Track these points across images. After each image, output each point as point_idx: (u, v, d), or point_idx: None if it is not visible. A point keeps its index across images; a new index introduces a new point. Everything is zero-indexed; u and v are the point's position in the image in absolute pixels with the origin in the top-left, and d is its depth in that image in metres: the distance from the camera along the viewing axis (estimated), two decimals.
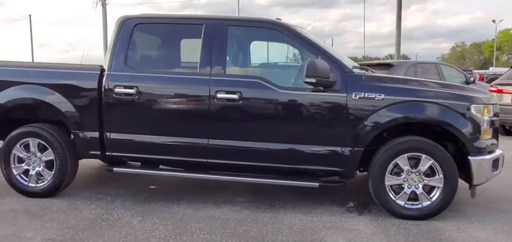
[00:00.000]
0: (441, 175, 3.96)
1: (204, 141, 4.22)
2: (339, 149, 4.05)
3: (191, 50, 4.50)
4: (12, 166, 4.58)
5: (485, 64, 61.55)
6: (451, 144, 4.10)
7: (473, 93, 4.14)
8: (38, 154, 4.53)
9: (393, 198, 4.05)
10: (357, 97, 3.99)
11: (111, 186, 5.00)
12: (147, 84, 4.29)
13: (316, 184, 4.15)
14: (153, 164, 4.51)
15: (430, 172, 4.00)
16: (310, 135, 4.11)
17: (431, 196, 4.01)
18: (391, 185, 4.06)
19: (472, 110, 3.96)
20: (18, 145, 4.53)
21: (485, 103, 4.05)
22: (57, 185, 4.54)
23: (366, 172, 4.24)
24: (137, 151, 4.40)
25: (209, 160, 4.28)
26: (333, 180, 4.21)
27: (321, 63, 3.91)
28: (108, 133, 4.38)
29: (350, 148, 4.03)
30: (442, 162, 3.94)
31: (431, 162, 3.96)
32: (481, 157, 3.97)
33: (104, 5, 28.08)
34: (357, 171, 4.23)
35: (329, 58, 4.08)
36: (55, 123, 4.56)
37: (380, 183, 4.04)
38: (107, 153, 4.45)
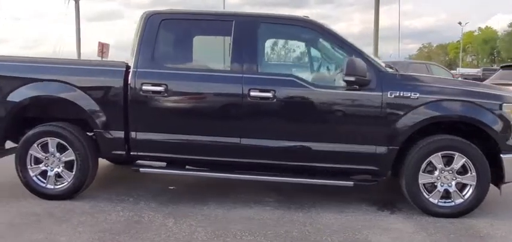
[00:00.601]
0: (474, 173, 4.01)
1: (236, 140, 4.13)
2: (374, 148, 4.05)
3: (219, 47, 4.40)
4: (29, 167, 4.35)
5: (450, 65, 63.56)
6: (478, 142, 4.14)
7: (503, 93, 4.22)
8: (57, 154, 4.32)
9: (426, 196, 4.08)
10: (393, 96, 3.99)
11: (127, 187, 4.82)
12: (177, 81, 4.17)
13: (351, 183, 4.14)
14: (179, 164, 4.38)
15: (462, 170, 4.05)
16: (345, 133, 4.09)
17: (463, 193, 4.07)
18: (424, 184, 4.09)
19: (504, 109, 4.04)
20: (35, 145, 4.31)
21: None
22: (78, 187, 4.35)
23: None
24: (165, 150, 4.26)
25: (241, 160, 4.20)
26: (366, 179, 4.20)
27: (359, 61, 3.89)
28: (134, 132, 4.22)
29: (385, 147, 4.03)
30: (475, 160, 3.99)
31: (464, 160, 4.00)
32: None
33: (76, 0, 27.15)
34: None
35: (364, 57, 4.06)
36: (74, 122, 4.36)
37: (414, 182, 4.06)
38: (131, 153, 4.30)
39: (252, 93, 4.04)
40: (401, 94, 3.99)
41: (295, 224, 3.85)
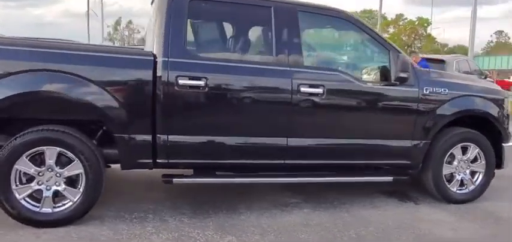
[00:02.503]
0: (483, 162, 4.42)
1: (283, 140, 3.76)
2: (410, 142, 4.13)
3: (257, 35, 3.90)
4: (14, 187, 3.24)
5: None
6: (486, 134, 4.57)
7: (501, 89, 4.73)
8: (56, 168, 3.30)
9: (448, 186, 4.36)
10: (427, 92, 4.11)
11: (126, 198, 4.02)
12: (219, 74, 3.55)
13: (391, 178, 4.16)
14: (211, 170, 3.79)
15: (473, 159, 4.43)
16: (387, 129, 4.07)
17: (474, 180, 4.46)
18: (445, 174, 4.35)
19: (505, 103, 4.54)
20: (24, 157, 3.22)
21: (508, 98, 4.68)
22: (88, 207, 3.42)
23: None
24: (202, 156, 3.63)
25: (286, 162, 3.83)
26: (401, 173, 4.27)
27: (408, 58, 3.90)
28: (163, 136, 3.48)
29: (419, 141, 4.15)
30: (485, 150, 4.40)
31: (477, 150, 4.38)
32: (511, 144, 4.59)
33: None
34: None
35: (400, 53, 4.08)
36: (71, 125, 3.40)
37: (439, 173, 4.29)
38: (159, 160, 3.54)
39: (303, 89, 3.70)
40: (434, 90, 4.14)
41: (347, 225, 3.69)
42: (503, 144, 4.51)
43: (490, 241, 3.57)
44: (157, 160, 3.54)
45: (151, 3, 4.33)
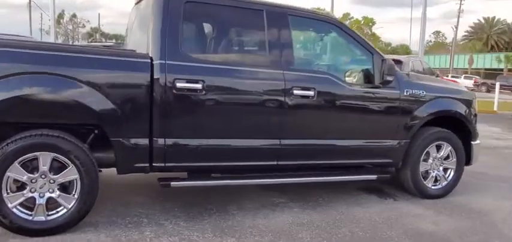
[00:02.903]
0: (455, 159, 4.73)
1: (276, 141, 3.83)
2: (392, 142, 4.34)
3: (251, 38, 3.93)
4: (5, 195, 3.09)
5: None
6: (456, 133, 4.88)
7: (468, 90, 5.07)
8: (50, 174, 3.19)
9: (424, 182, 4.62)
10: (408, 94, 4.34)
11: (115, 203, 3.93)
12: (216, 77, 3.56)
13: (375, 177, 4.36)
14: (206, 172, 3.79)
15: (446, 157, 4.73)
16: (373, 129, 4.25)
17: (447, 176, 4.76)
18: (421, 171, 4.61)
19: (473, 103, 4.88)
20: (16, 163, 3.08)
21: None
22: (85, 212, 3.33)
23: None
24: (199, 159, 3.63)
25: (279, 162, 3.91)
26: (383, 172, 4.48)
27: (393, 63, 4.10)
28: (160, 139, 3.45)
29: (400, 141, 4.37)
30: (456, 148, 4.71)
31: (449, 148, 4.69)
32: (478, 142, 4.93)
33: None
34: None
35: (383, 57, 4.28)
36: (67, 129, 3.29)
37: (416, 170, 4.54)
38: (156, 164, 3.50)
39: (295, 91, 3.79)
40: (413, 92, 4.38)
41: (344, 222, 3.85)
42: (472, 142, 4.84)
43: (468, 232, 3.83)
44: (154, 164, 3.50)
45: (136, 3, 4.26)
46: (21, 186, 3.16)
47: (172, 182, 3.58)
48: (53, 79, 3.12)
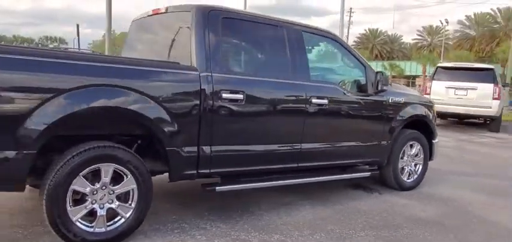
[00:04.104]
0: (422, 156, 5.57)
1: (298, 146, 4.24)
2: (381, 142, 5.00)
3: (275, 51, 4.26)
4: (69, 209, 3.07)
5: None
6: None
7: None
8: (110, 185, 3.23)
9: (402, 177, 5.37)
10: (392, 101, 5.04)
11: (151, 212, 3.97)
12: (254, 88, 3.86)
13: (368, 174, 4.97)
14: (243, 176, 4.05)
15: (416, 154, 5.54)
16: (369, 132, 4.86)
17: (417, 170, 5.57)
18: (399, 167, 5.35)
19: (433, 108, 5.77)
20: (81, 175, 3.09)
21: None
22: (140, 222, 3.42)
23: None
24: (238, 164, 3.90)
25: (299, 165, 4.33)
26: (373, 169, 5.11)
27: (387, 74, 4.76)
28: (207, 147, 3.65)
29: (386, 141, 5.05)
30: (423, 146, 5.55)
31: (419, 146, 5.51)
32: (437, 141, 5.83)
33: None
34: None
35: (372, 69, 4.92)
36: (114, 139, 3.37)
37: (396, 166, 5.27)
38: (202, 171, 3.69)
39: (314, 100, 4.24)
40: (396, 99, 5.09)
41: (349, 213, 4.38)
42: (433, 141, 5.72)
43: (450, 215, 4.58)
44: (200, 171, 3.68)
45: (151, 15, 4.37)
46: (80, 199, 3.16)
47: (217, 187, 3.79)
48: (117, 91, 3.18)
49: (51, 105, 2.91)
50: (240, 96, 3.74)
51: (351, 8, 60.45)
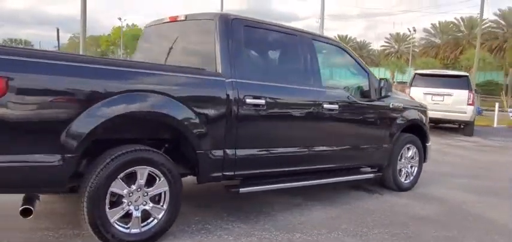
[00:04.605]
0: (417, 158, 5.89)
1: (312, 148, 4.45)
2: (383, 145, 5.28)
3: (291, 58, 4.46)
4: (108, 210, 3.17)
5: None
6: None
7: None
8: (144, 187, 3.35)
9: (400, 178, 5.67)
10: (392, 106, 5.33)
11: None
12: (273, 94, 4.05)
13: (372, 175, 5.23)
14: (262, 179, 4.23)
15: (412, 157, 5.86)
16: (373, 135, 5.13)
17: (413, 172, 5.89)
18: (398, 169, 5.64)
19: (427, 113, 6.11)
20: (119, 178, 3.19)
21: None
22: (170, 223, 3.54)
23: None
24: (258, 166, 4.07)
25: (313, 167, 4.55)
26: (375, 171, 5.38)
27: (390, 81, 5.04)
28: (231, 150, 3.81)
29: (388, 145, 5.34)
30: (419, 149, 5.87)
31: (415, 149, 5.82)
32: (430, 144, 6.17)
33: None
34: None
35: (374, 75, 5.19)
36: (143, 143, 3.49)
37: (395, 168, 5.56)
38: (226, 173, 3.84)
39: (325, 106, 4.47)
40: (397, 104, 5.39)
41: (357, 213, 4.63)
42: (426, 144, 6.05)
43: (448, 213, 4.90)
44: (224, 173, 3.83)
45: (167, 22, 4.50)
46: (116, 201, 3.25)
47: (240, 189, 3.95)
48: (154, 97, 3.31)
49: (94, 110, 3.01)
50: (261, 101, 3.92)
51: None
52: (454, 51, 56.32)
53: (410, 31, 58.38)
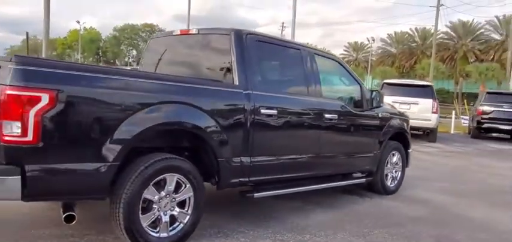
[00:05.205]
0: (401, 163, 6.33)
1: (316, 155, 4.77)
2: (373, 152, 5.66)
3: (294, 71, 4.74)
4: (141, 216, 3.32)
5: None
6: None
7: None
8: (172, 193, 3.52)
9: (387, 182, 6.07)
10: (381, 115, 5.74)
11: None
12: (283, 104, 4.33)
13: (364, 180, 5.60)
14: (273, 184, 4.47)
15: (396, 163, 6.29)
16: (366, 143, 5.50)
17: (397, 176, 6.32)
18: (385, 174, 6.05)
19: (409, 121, 6.57)
20: (151, 185, 3.36)
21: None
22: (194, 227, 3.71)
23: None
24: (270, 172, 4.32)
25: (314, 173, 4.85)
26: (366, 176, 5.74)
27: (382, 92, 5.43)
28: (247, 158, 4.04)
29: (377, 151, 5.73)
30: (402, 155, 6.32)
31: (399, 155, 6.26)
32: (411, 150, 6.63)
33: None
34: None
35: (366, 87, 5.58)
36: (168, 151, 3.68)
37: (383, 173, 5.96)
38: (242, 179, 4.07)
39: (327, 116, 4.79)
40: (384, 114, 5.80)
41: (356, 216, 4.97)
42: (408, 150, 6.51)
43: (435, 214, 5.33)
44: (241, 179, 4.06)
45: (178, 34, 4.68)
46: (146, 207, 3.41)
47: (255, 194, 4.18)
48: (184, 107, 3.52)
49: (133, 120, 3.17)
50: (274, 112, 4.18)
51: (282, 22, 62.84)
52: (409, 61, 58.83)
53: (369, 40, 60.49)
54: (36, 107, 2.73)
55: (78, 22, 68.94)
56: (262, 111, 4.08)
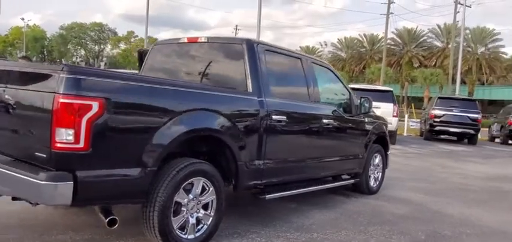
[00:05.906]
0: (381, 165, 6.79)
1: (318, 159, 5.08)
2: (361, 155, 6.05)
3: (297, 79, 5.01)
4: (173, 218, 3.47)
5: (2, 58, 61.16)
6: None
7: None
8: (199, 197, 3.69)
9: (371, 182, 6.49)
10: (366, 120, 6.14)
11: None
12: (291, 110, 4.59)
13: (353, 181, 5.97)
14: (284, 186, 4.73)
15: (377, 164, 6.73)
16: (355, 146, 5.87)
17: (378, 177, 6.76)
18: (369, 175, 6.47)
19: (387, 125, 7.04)
20: (181, 188, 3.51)
21: None
22: (216, 229, 3.89)
23: None
24: (280, 175, 4.56)
25: (316, 175, 5.16)
26: (353, 177, 6.12)
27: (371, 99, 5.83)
28: (260, 161, 4.26)
29: (364, 154, 6.13)
30: (383, 157, 6.78)
31: (380, 157, 6.71)
32: (390, 152, 7.10)
33: None
34: None
35: (354, 94, 5.96)
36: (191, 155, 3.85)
37: (367, 174, 6.38)
38: (256, 181, 4.29)
39: (324, 120, 5.11)
40: (367, 119, 6.21)
41: (350, 215, 5.32)
42: (387, 152, 6.98)
43: (416, 212, 5.78)
44: (255, 182, 4.28)
45: (186, 43, 4.83)
46: (175, 210, 3.54)
47: (267, 195, 4.40)
48: (210, 114, 3.70)
49: (169, 127, 3.32)
50: (284, 118, 4.44)
51: (236, 25, 63.22)
52: (358, 65, 61.00)
53: (321, 45, 62.18)
54: (87, 115, 2.82)
55: (22, 19, 65.57)
56: (274, 116, 4.32)
